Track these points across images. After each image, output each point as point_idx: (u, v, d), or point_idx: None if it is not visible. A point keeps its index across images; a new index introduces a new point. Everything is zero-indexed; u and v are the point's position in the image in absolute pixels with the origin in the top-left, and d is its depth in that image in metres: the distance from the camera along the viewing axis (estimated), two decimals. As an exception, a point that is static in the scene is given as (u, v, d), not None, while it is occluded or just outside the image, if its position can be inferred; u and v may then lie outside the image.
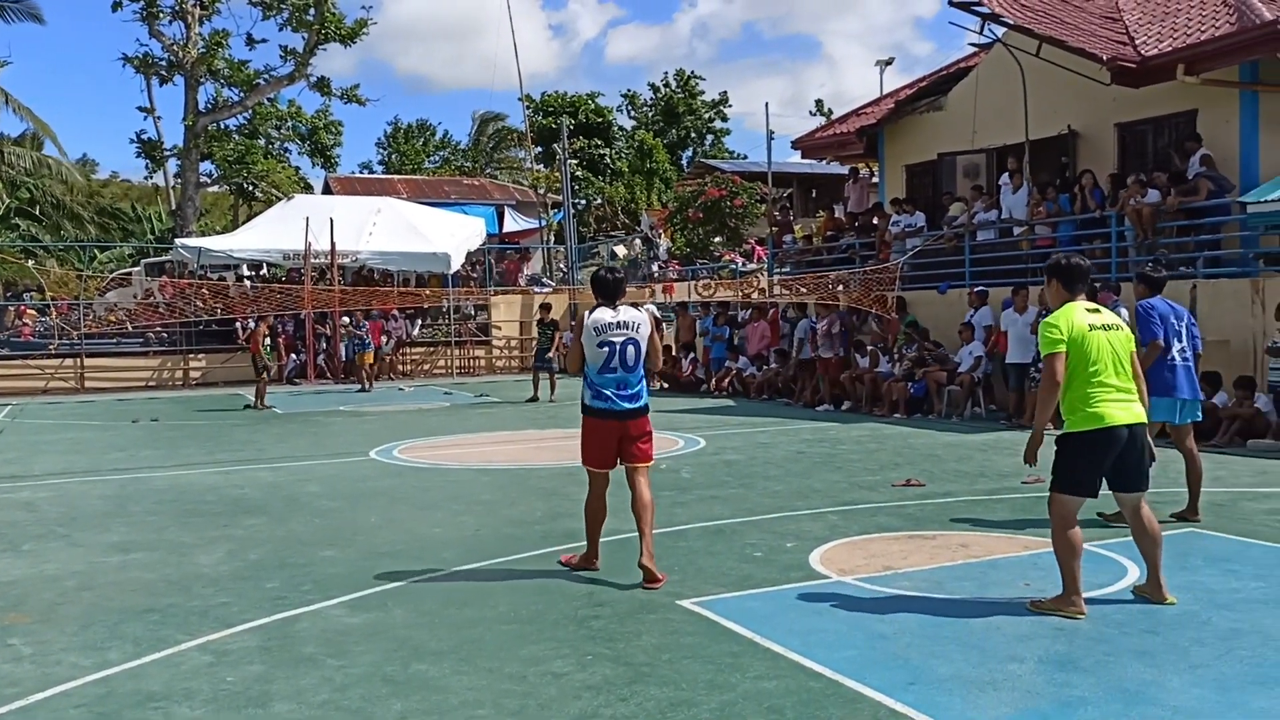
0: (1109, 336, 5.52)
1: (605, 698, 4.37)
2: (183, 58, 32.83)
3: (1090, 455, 5.44)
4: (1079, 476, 5.46)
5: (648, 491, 6.40)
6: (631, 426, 6.40)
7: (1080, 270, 5.69)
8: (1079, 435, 5.46)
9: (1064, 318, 5.52)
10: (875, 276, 17.57)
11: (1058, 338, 5.45)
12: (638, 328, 6.39)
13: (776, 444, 12.41)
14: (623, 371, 6.35)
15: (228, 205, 50.08)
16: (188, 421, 16.90)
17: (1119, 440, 5.42)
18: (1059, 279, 5.69)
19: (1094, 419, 5.41)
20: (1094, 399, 5.42)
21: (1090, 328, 5.50)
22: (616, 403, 6.35)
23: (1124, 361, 5.54)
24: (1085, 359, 5.44)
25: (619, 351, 6.32)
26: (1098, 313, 5.62)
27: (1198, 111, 14.85)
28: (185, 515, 8.68)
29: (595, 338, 6.32)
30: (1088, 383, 5.43)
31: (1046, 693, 4.34)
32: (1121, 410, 5.44)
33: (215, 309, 25.33)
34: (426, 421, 16.12)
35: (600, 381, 6.36)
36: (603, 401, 6.36)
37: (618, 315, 6.40)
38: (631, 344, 6.36)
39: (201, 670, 4.85)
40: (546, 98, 48.10)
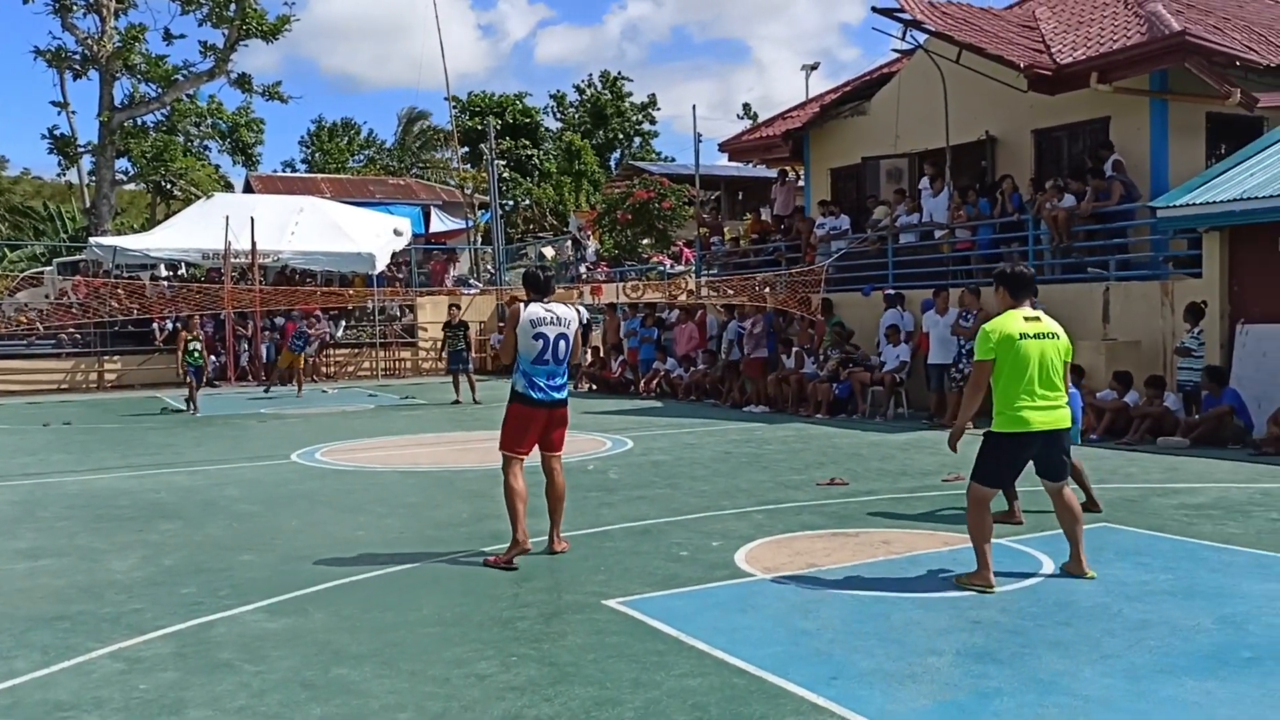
0: (1043, 345, 5.82)
1: (530, 698, 4.34)
2: (97, 52, 31.92)
3: (1009, 454, 5.85)
4: (996, 471, 5.90)
5: (563, 478, 6.94)
6: (556, 416, 6.83)
7: (1024, 279, 6.02)
8: (1001, 435, 5.83)
9: (999, 326, 5.83)
10: (801, 279, 17.76)
11: (989, 346, 5.79)
12: (569, 324, 6.82)
13: (703, 444, 12.47)
14: (554, 364, 6.75)
15: (145, 203, 48.86)
16: (102, 425, 16.42)
17: (1036, 442, 5.83)
18: (1006, 287, 6.00)
19: (1016, 422, 5.77)
20: (1017, 403, 5.75)
21: (1023, 335, 5.79)
22: (549, 393, 6.73)
23: (1054, 369, 5.82)
24: (1015, 365, 5.75)
25: (552, 345, 6.71)
26: (1037, 320, 5.91)
27: (1110, 119, 15.29)
28: (97, 520, 8.43)
29: (530, 330, 6.67)
30: (1014, 387, 5.74)
31: (964, 684, 4.42)
32: (1042, 415, 5.78)
33: (131, 309, 24.67)
34: (350, 424, 15.89)
35: (533, 372, 6.71)
36: (538, 392, 6.70)
37: (551, 311, 6.78)
38: (563, 339, 6.77)
39: (113, 678, 4.71)
40: (473, 98, 47.79)
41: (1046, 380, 5.80)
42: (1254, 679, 4.43)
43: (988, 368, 5.80)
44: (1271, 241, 12.06)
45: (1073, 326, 13.63)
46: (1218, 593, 5.72)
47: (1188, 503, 8.30)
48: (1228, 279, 12.55)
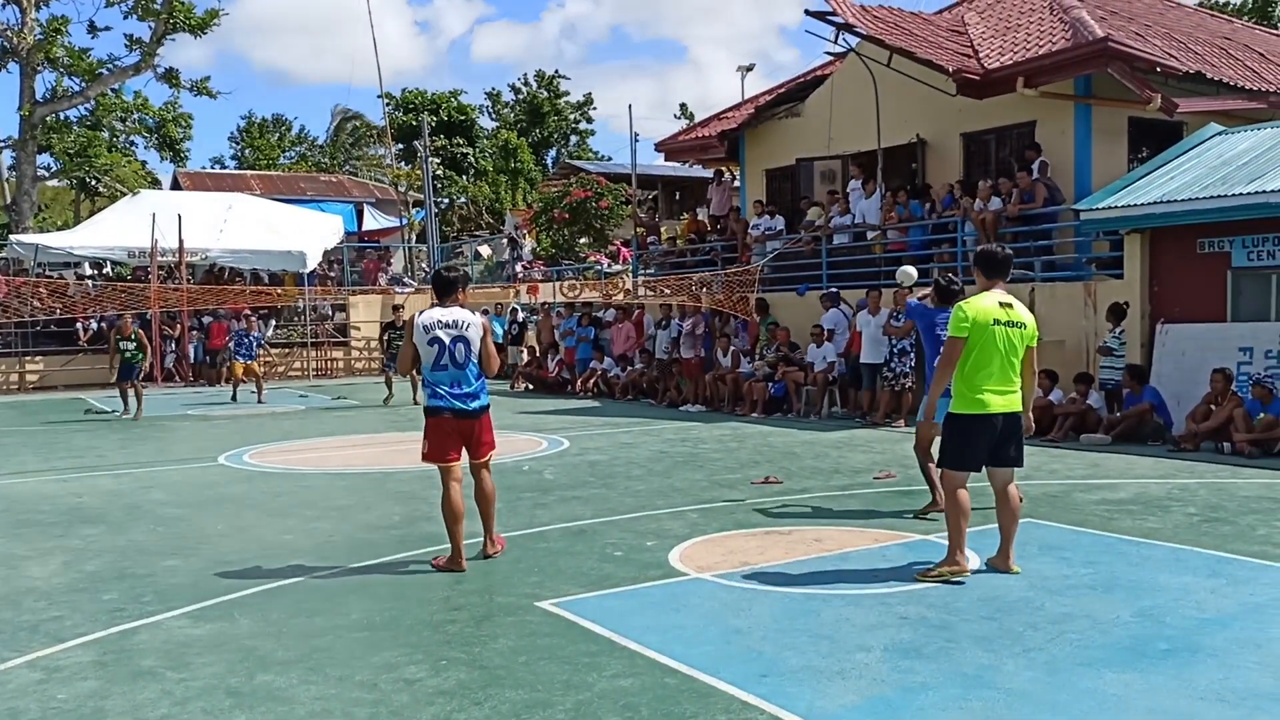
0: (1010, 332, 5.99)
1: (459, 702, 4.31)
2: (17, 44, 31.04)
3: (971, 435, 6.01)
4: (964, 454, 6.06)
5: (491, 484, 6.79)
6: (474, 427, 6.58)
7: (997, 258, 6.21)
8: (962, 417, 6.02)
9: (974, 305, 5.97)
10: (737, 278, 17.88)
11: (963, 324, 5.93)
12: (467, 327, 6.50)
13: (640, 444, 12.49)
14: (454, 369, 6.48)
15: (68, 200, 47.63)
16: (23, 427, 15.96)
17: (995, 425, 6.00)
18: (979, 266, 6.21)
19: (975, 404, 5.96)
20: (978, 386, 5.94)
21: (994, 321, 5.95)
22: (451, 401, 6.49)
23: (1016, 357, 6.02)
24: (983, 350, 5.92)
25: (448, 349, 6.45)
26: (1010, 307, 6.07)
27: (1036, 123, 15.61)
28: (17, 526, 8.19)
29: (424, 335, 6.47)
30: (976, 370, 5.93)
31: (892, 680, 4.48)
32: (1000, 399, 5.98)
33: (54, 309, 24.00)
34: (280, 425, 15.63)
35: (434, 379, 6.51)
36: (438, 400, 6.50)
37: (448, 314, 6.53)
38: (461, 341, 6.48)
39: (30, 688, 4.58)
40: (408, 94, 47.30)
41: (1010, 367, 5.99)
42: (1170, 670, 4.55)
43: (960, 344, 5.92)
44: (1191, 243, 12.42)
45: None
46: (1136, 586, 5.88)
47: (1109, 498, 8.51)
48: (1148, 280, 12.90)
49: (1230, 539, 7.00)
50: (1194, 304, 12.38)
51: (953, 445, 6.08)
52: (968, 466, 6.06)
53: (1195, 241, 12.38)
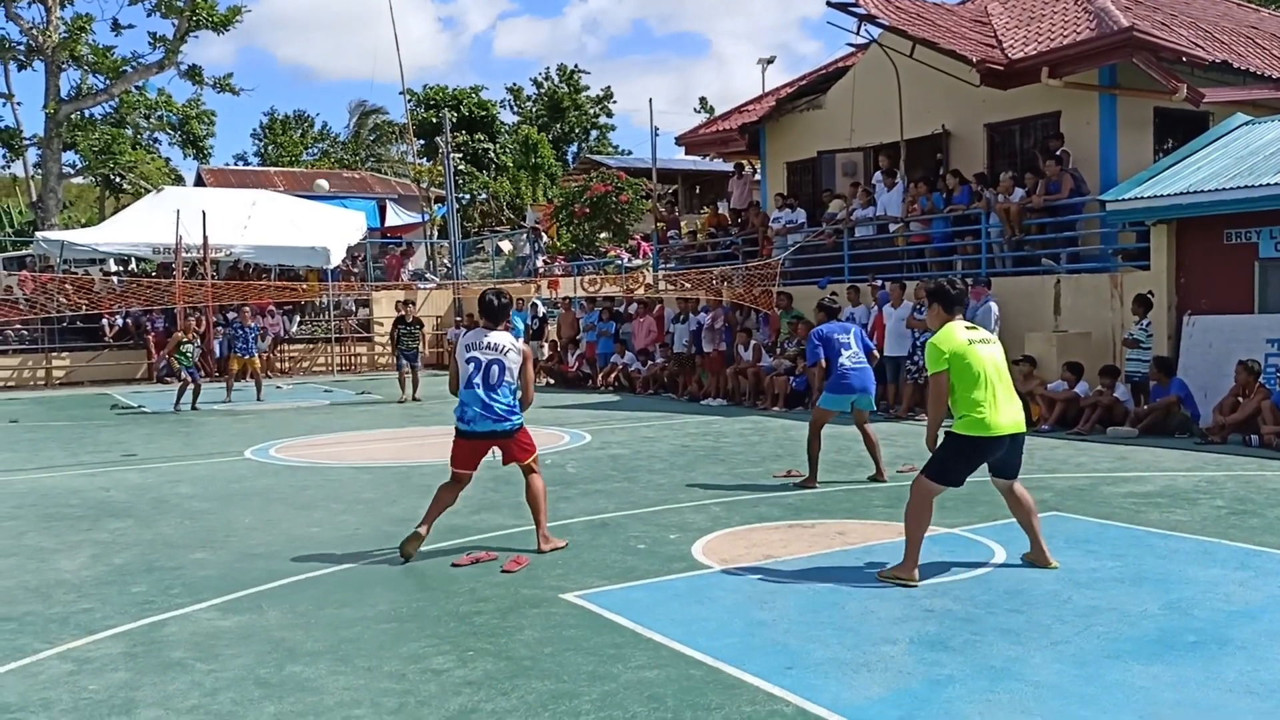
0: (989, 350, 5.99)
1: (486, 692, 4.33)
2: (43, 42, 31.32)
3: (970, 456, 5.92)
4: (953, 472, 5.96)
5: (538, 482, 6.88)
6: (509, 446, 6.79)
7: (958, 294, 6.22)
8: (965, 438, 5.88)
9: (945, 338, 5.94)
10: (758, 272, 17.84)
11: (942, 358, 5.88)
12: (505, 352, 6.68)
13: (661, 438, 12.50)
14: (484, 389, 6.61)
15: (93, 197, 48.02)
16: (50, 422, 16.13)
17: (1001, 446, 5.92)
18: (940, 303, 6.15)
19: (980, 426, 5.83)
20: (980, 407, 5.83)
21: (970, 343, 5.94)
22: (478, 423, 6.62)
23: (1002, 372, 5.96)
24: (970, 372, 5.86)
25: (484, 368, 6.62)
26: (974, 329, 6.11)
27: (1061, 113, 15.50)
28: (46, 519, 8.28)
29: (464, 354, 6.70)
30: (973, 393, 5.84)
31: (917, 672, 4.47)
32: (1006, 419, 5.88)
33: (80, 305, 24.21)
34: (305, 420, 15.73)
35: (464, 398, 6.67)
36: (464, 424, 6.66)
37: (490, 337, 6.72)
38: (496, 364, 6.65)
39: (61, 679, 4.64)
40: (429, 91, 47.42)
41: (1004, 383, 5.92)
42: (1198, 663, 4.52)
43: (944, 379, 5.87)
44: (1218, 234, 12.31)
45: (1025, 318, 13.93)
46: (1164, 579, 5.84)
47: (1136, 491, 8.46)
48: (1175, 271, 12.79)
49: (1259, 531, 6.94)
50: (1221, 295, 12.26)
51: (944, 460, 5.93)
52: (949, 483, 5.96)
53: (1222, 232, 12.26)
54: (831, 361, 9.17)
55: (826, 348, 9.20)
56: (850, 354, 9.14)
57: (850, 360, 9.11)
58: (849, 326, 9.55)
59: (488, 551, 6.65)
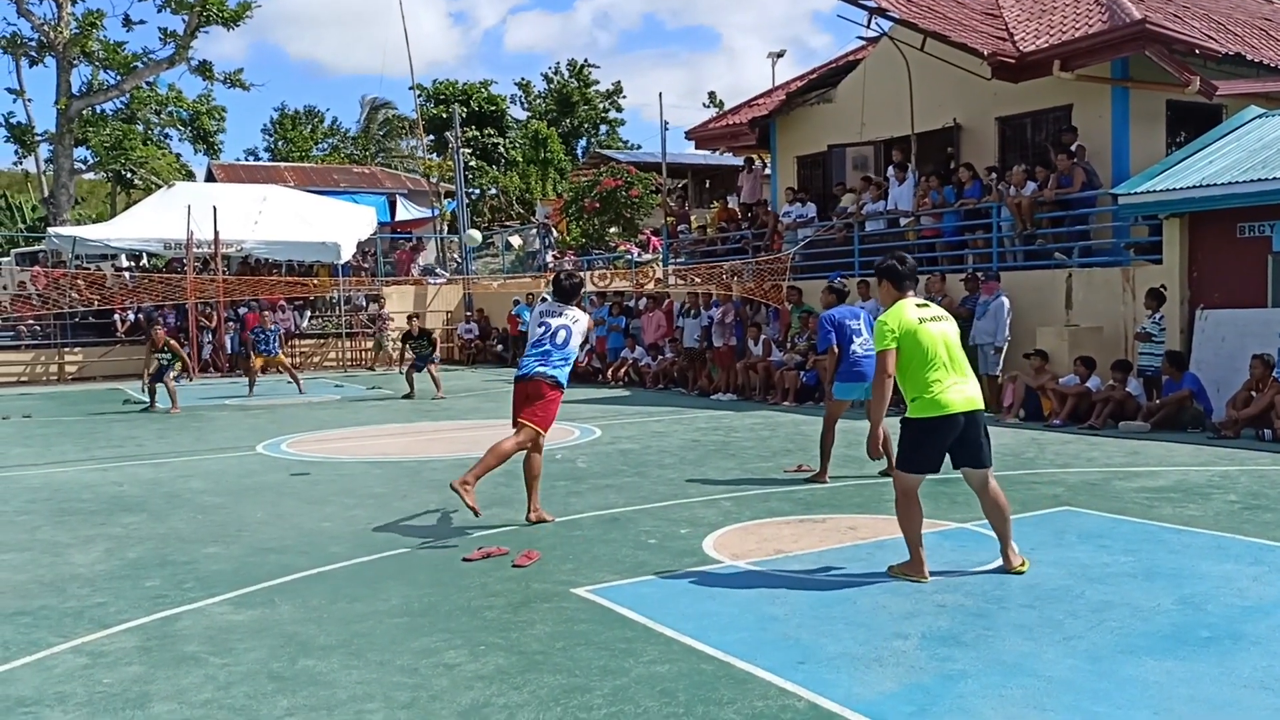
0: (943, 328, 5.86)
1: (498, 687, 4.34)
2: (54, 38, 31.38)
3: (930, 438, 5.77)
4: (920, 457, 5.82)
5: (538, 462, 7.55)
6: (539, 387, 7.29)
7: (907, 270, 6.04)
8: (919, 421, 5.78)
9: (894, 316, 5.83)
10: (768, 266, 17.81)
11: (889, 334, 5.77)
12: (576, 321, 7.49)
13: (671, 433, 12.49)
14: (548, 345, 7.36)
15: (104, 193, 48.19)
16: (63, 417, 16.20)
17: (957, 425, 5.74)
18: (889, 279, 6.02)
19: (934, 405, 5.71)
20: (932, 387, 5.71)
21: (920, 321, 5.81)
22: (528, 367, 7.32)
23: (954, 350, 5.85)
24: (920, 350, 5.74)
25: (552, 331, 7.40)
26: (926, 307, 5.98)
27: (1073, 106, 15.43)
28: (59, 514, 8.32)
29: (538, 318, 7.54)
30: (925, 372, 5.73)
31: (930, 667, 4.47)
32: (958, 397, 5.73)
33: (92, 301, 24.32)
34: (316, 415, 15.77)
35: (527, 354, 7.42)
36: (520, 371, 7.43)
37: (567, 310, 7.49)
38: (564, 329, 7.43)
39: (76, 673, 4.66)
40: (439, 86, 47.46)
41: (955, 362, 5.78)
42: (1212, 658, 4.50)
43: (891, 356, 5.74)
44: (1231, 228, 12.24)
45: (1036, 313, 13.88)
46: (1177, 574, 5.82)
47: (1148, 486, 8.43)
48: (1187, 265, 12.73)
49: (1272, 526, 6.91)
50: (1234, 289, 12.20)
51: (908, 449, 5.82)
52: (925, 469, 5.80)
53: (1235, 226, 12.20)
54: (843, 349, 8.96)
55: (838, 334, 8.97)
56: (862, 340, 8.91)
57: (862, 347, 8.87)
58: (859, 311, 9.35)
59: (498, 546, 6.66)
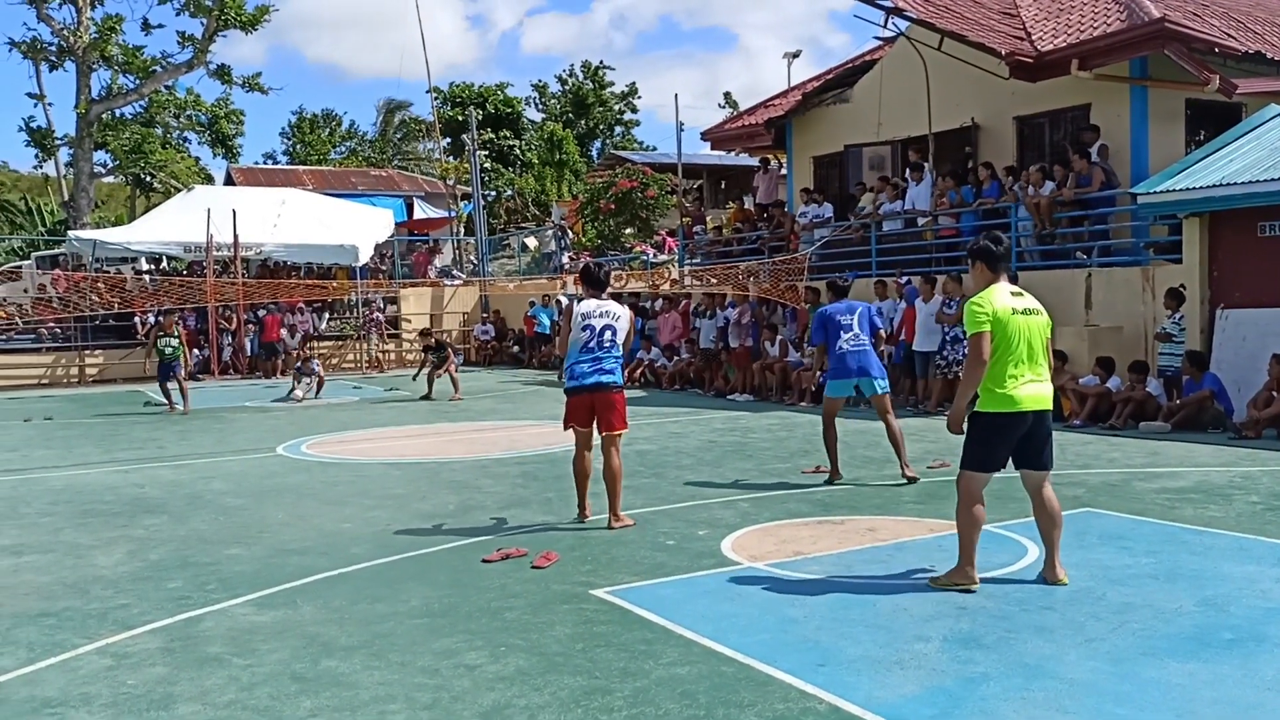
0: (1028, 321, 5.65)
1: (519, 688, 4.36)
2: (73, 43, 31.65)
3: (999, 436, 5.59)
4: (987, 455, 5.61)
5: (617, 459, 7.45)
6: (611, 399, 7.41)
7: (1000, 251, 5.81)
8: (990, 415, 5.59)
9: (989, 299, 5.61)
10: (784, 267, 17.79)
11: (983, 318, 5.53)
12: (617, 318, 7.45)
13: (688, 433, 12.49)
14: (599, 351, 7.35)
15: (124, 196, 48.50)
16: (84, 419, 16.32)
17: (1026, 422, 5.58)
18: (983, 261, 5.78)
19: (1005, 401, 5.53)
20: (1005, 382, 5.54)
21: (1013, 311, 5.61)
22: (587, 378, 7.32)
23: (1038, 346, 5.67)
24: (1005, 341, 5.55)
25: (598, 334, 7.34)
26: (1021, 296, 5.76)
27: (1091, 105, 15.36)
28: (82, 516, 8.39)
29: (581, 321, 7.37)
30: (1002, 365, 5.54)
31: (951, 670, 4.46)
32: (1030, 394, 5.57)
33: (112, 303, 24.50)
34: (335, 416, 15.84)
35: (578, 359, 7.36)
36: (575, 380, 7.37)
37: (603, 305, 7.44)
38: (609, 329, 7.38)
39: (100, 674, 4.70)
40: (455, 89, 47.59)
41: (1033, 358, 5.60)
42: (1235, 660, 4.48)
43: (987, 339, 5.49)
44: (1250, 227, 12.15)
45: (1055, 312, 13.68)
46: (1199, 576, 5.78)
47: (1169, 487, 8.38)
48: (1207, 264, 12.65)
49: (1296, 528, 6.86)
50: (1255, 288, 12.11)
51: (976, 445, 5.61)
52: (991, 468, 5.61)
53: (1256, 225, 12.11)
54: (830, 344, 8.95)
55: (829, 328, 8.96)
56: (849, 336, 8.87)
57: (849, 343, 8.85)
58: (856, 305, 9.20)
59: (517, 548, 6.68)
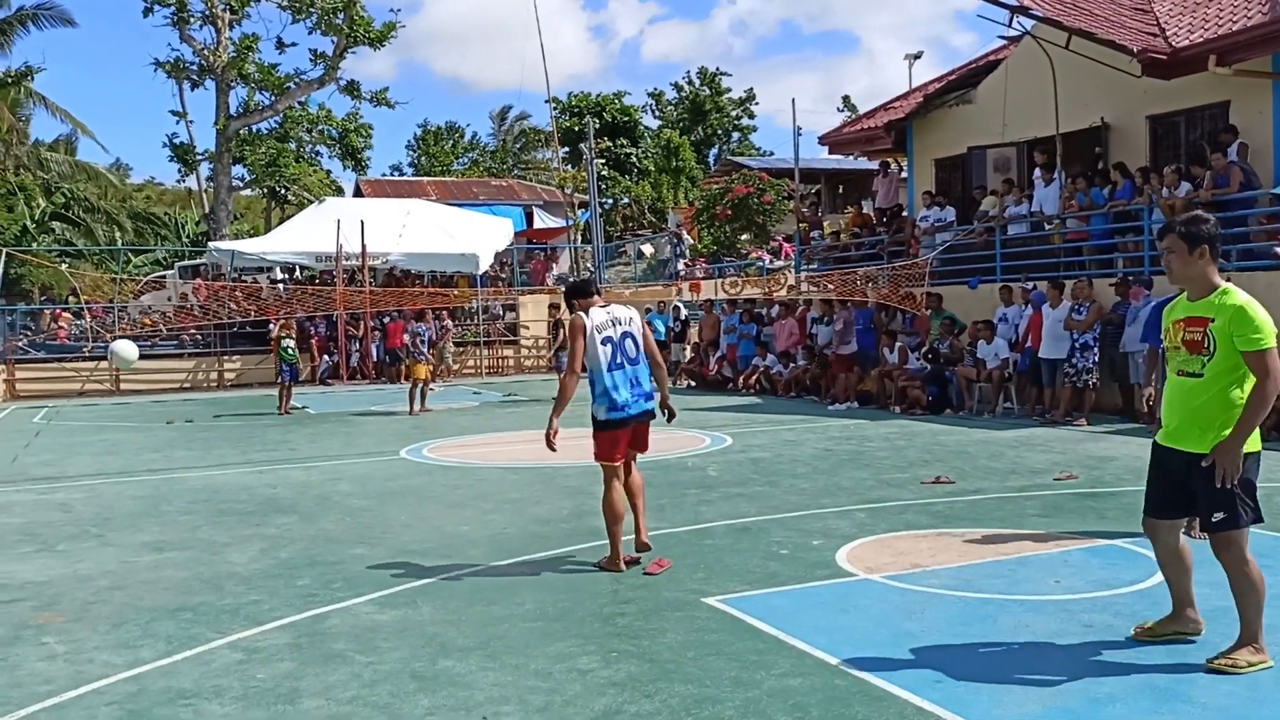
0: None
1: (630, 694, 4.38)
2: (213, 62, 33.16)
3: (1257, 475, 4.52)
4: (1255, 502, 4.48)
5: (638, 473, 6.75)
6: (639, 429, 6.59)
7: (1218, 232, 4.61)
8: (1256, 456, 4.48)
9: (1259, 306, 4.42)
10: (904, 272, 17.47)
11: (1269, 328, 4.35)
12: (630, 321, 6.58)
13: (804, 441, 12.37)
14: (630, 366, 6.49)
15: (260, 208, 50.59)
16: (221, 422, 17.07)
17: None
18: (1208, 244, 4.50)
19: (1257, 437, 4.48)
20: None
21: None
22: (630, 407, 6.44)
23: None
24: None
25: (619, 346, 6.48)
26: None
27: (1230, 103, 14.66)
28: (218, 514, 8.77)
29: (597, 336, 6.45)
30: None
31: (1075, 690, 4.30)
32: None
33: (249, 311, 25.57)
34: (456, 421, 16.20)
35: (611, 383, 6.42)
36: (618, 412, 6.42)
37: (608, 311, 6.57)
38: (628, 337, 6.54)
39: (232, 668, 4.90)
40: (573, 99, 48.21)
41: None
42: (1388, 690, 4.21)
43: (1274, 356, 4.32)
44: None
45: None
46: (1349, 598, 5.44)
47: (1317, 503, 7.91)
48: (1360, 268, 11.92)
49: None
50: None
51: (1252, 495, 4.44)
52: (1260, 517, 4.48)
53: None
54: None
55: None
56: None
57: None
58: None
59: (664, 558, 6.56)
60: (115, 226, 41.36)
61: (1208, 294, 4.52)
